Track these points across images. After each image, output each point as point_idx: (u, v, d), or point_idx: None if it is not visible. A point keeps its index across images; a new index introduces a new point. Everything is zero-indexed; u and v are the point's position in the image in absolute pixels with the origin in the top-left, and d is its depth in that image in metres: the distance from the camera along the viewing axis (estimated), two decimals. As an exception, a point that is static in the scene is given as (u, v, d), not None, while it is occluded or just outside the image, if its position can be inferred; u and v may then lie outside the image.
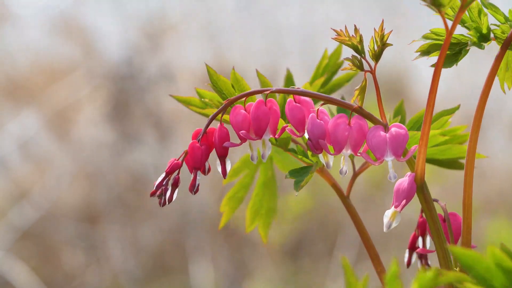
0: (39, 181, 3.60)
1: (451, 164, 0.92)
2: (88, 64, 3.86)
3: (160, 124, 3.74)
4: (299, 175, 0.76)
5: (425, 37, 0.82)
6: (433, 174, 3.10)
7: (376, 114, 0.81)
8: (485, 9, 0.81)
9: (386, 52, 0.80)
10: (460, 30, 0.82)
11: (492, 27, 0.82)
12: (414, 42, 0.83)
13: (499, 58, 0.80)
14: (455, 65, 0.82)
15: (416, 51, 0.83)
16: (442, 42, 0.81)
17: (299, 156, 0.82)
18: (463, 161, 0.93)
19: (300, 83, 0.94)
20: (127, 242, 3.57)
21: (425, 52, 0.82)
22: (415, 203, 0.85)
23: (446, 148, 0.90)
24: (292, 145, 0.85)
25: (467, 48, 0.82)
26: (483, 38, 0.83)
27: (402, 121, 0.94)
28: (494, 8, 0.81)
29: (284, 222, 3.43)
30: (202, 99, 0.83)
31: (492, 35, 0.82)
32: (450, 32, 0.76)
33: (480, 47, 0.82)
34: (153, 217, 3.62)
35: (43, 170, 3.67)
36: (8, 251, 3.29)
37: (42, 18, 4.03)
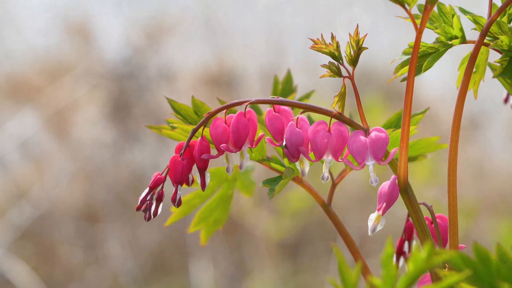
0: (39, 180, 3.61)
1: (413, 158, 0.93)
2: (88, 63, 3.86)
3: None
4: (275, 183, 0.76)
5: (405, 53, 0.82)
6: (430, 174, 3.10)
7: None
8: (459, 13, 0.82)
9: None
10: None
11: (474, 31, 0.82)
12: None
13: (476, 48, 0.80)
14: (421, 73, 0.82)
15: (397, 75, 0.83)
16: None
17: (273, 165, 0.82)
18: (428, 155, 0.93)
19: (300, 83, 0.94)
20: (126, 241, 3.57)
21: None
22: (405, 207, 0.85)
23: (413, 143, 0.91)
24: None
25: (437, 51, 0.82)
26: (451, 37, 0.83)
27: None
28: (470, 13, 0.81)
29: (284, 219, 3.43)
30: (170, 125, 0.85)
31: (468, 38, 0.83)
32: (420, 30, 0.76)
33: (448, 46, 0.82)
34: (153, 216, 3.61)
35: (42, 169, 3.68)
36: (8, 250, 3.29)
37: (42, 17, 4.03)
